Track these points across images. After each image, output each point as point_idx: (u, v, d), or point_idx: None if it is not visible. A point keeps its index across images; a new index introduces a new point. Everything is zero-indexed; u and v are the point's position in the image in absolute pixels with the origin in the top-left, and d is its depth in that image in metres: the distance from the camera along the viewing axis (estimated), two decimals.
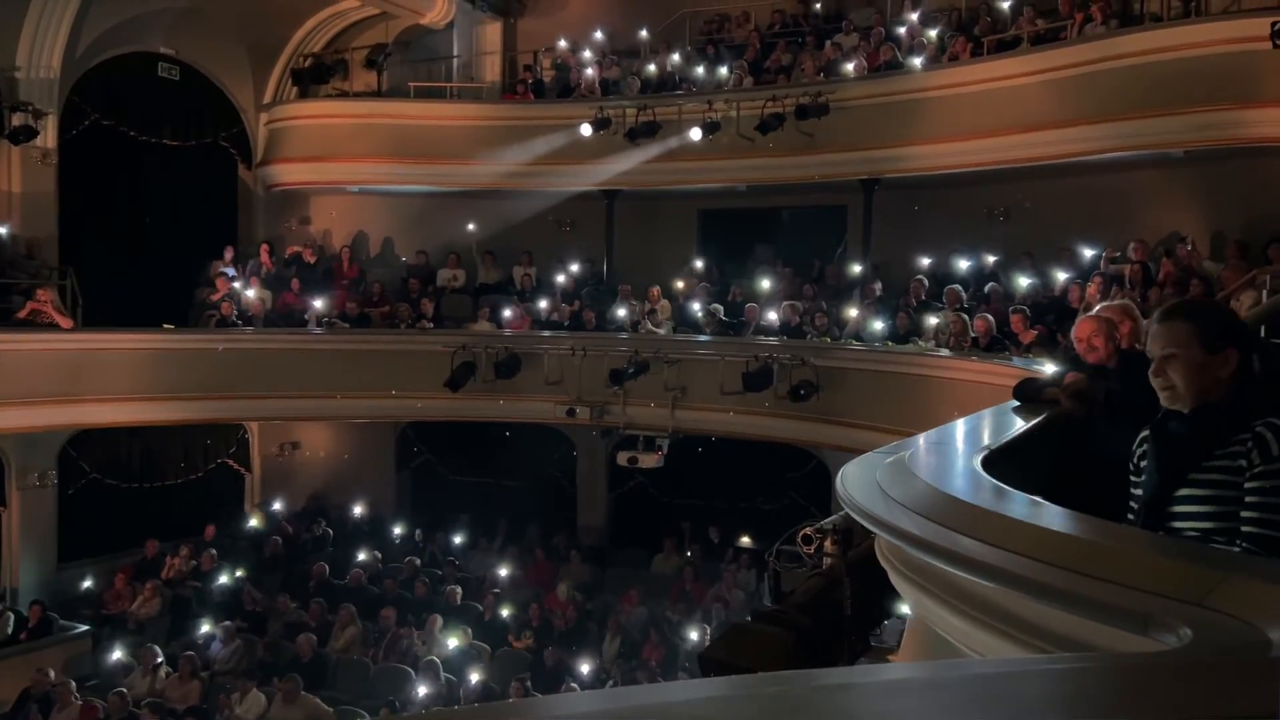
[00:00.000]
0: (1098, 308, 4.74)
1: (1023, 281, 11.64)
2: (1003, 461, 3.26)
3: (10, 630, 12.18)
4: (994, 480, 2.61)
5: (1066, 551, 2.03)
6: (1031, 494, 2.57)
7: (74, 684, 10.91)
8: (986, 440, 3.42)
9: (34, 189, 13.32)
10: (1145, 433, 2.57)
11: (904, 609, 3.46)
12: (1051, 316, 10.29)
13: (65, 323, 12.48)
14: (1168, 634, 1.61)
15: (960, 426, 4.05)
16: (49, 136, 13.28)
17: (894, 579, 2.69)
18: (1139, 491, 2.55)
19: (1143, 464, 2.55)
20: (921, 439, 3.54)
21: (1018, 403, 4.79)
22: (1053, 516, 2.30)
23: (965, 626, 2.24)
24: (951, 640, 2.38)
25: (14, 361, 12.05)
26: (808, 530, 3.39)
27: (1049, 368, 5.32)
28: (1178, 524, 2.37)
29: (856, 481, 2.85)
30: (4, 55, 12.93)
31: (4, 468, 13.07)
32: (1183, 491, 2.37)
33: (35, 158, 13.23)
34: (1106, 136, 10.97)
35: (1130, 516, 2.57)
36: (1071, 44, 11.58)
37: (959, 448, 3.30)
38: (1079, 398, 4.55)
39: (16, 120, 12.65)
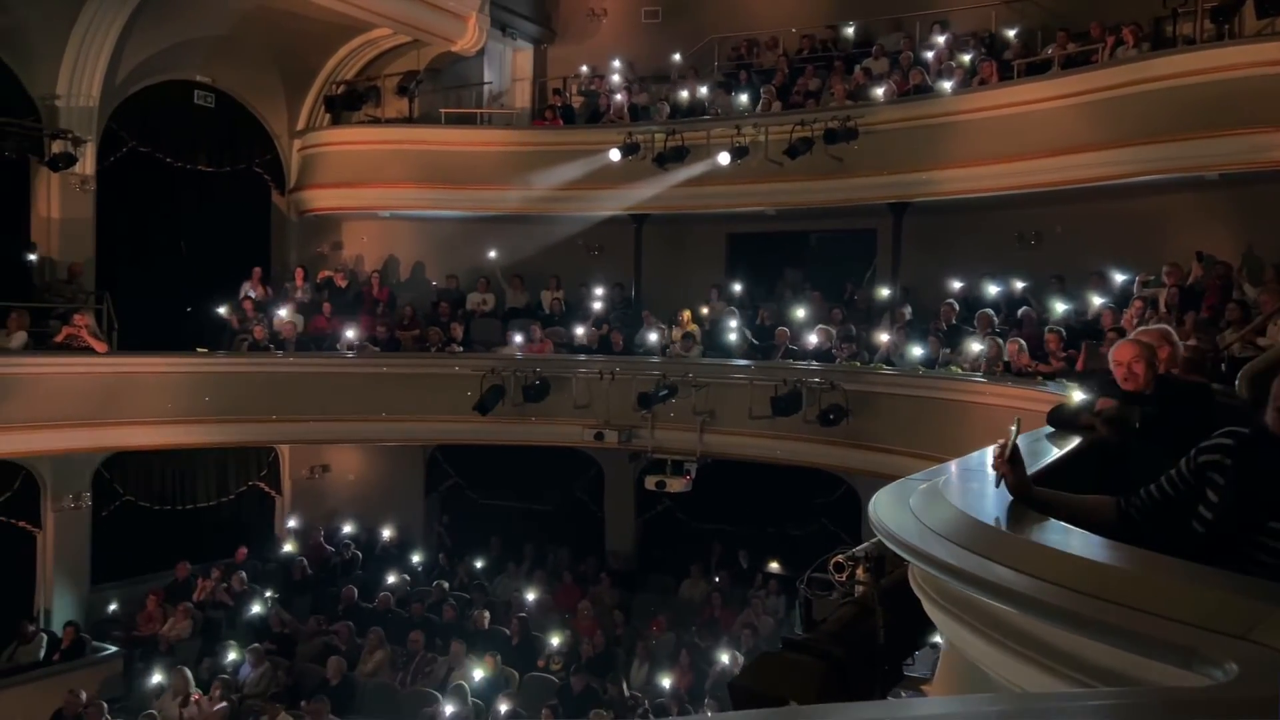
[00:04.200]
0: (1135, 332, 4.67)
1: (1057, 306, 11.53)
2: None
3: (43, 651, 12.29)
4: (1031, 508, 2.57)
5: (1106, 582, 1.99)
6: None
7: (106, 706, 10.96)
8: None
9: (73, 215, 13.55)
10: (1221, 449, 2.42)
11: (938, 638, 3.41)
12: (1086, 341, 10.18)
13: (100, 347, 12.63)
14: (1213, 669, 1.57)
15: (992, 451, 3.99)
16: (88, 163, 13.50)
17: (928, 608, 2.65)
18: (1206, 512, 2.40)
19: (1213, 477, 2.41)
20: (954, 465, 3.50)
21: (1052, 429, 4.74)
22: (1091, 546, 2.26)
23: (1002, 657, 2.20)
24: (987, 671, 2.34)
25: (50, 384, 12.21)
26: (839, 558, 3.35)
27: (1080, 394, 5.25)
28: (1265, 557, 2.23)
29: (889, 509, 2.81)
30: (45, 84, 13.20)
31: (39, 490, 13.21)
32: (1274, 524, 2.24)
33: (74, 184, 13.46)
34: (1139, 160, 10.88)
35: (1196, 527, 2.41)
36: (1103, 67, 11.52)
37: (994, 474, 3.25)
38: (1114, 424, 4.49)
39: (56, 148, 12.89)
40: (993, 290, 12.52)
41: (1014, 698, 1.99)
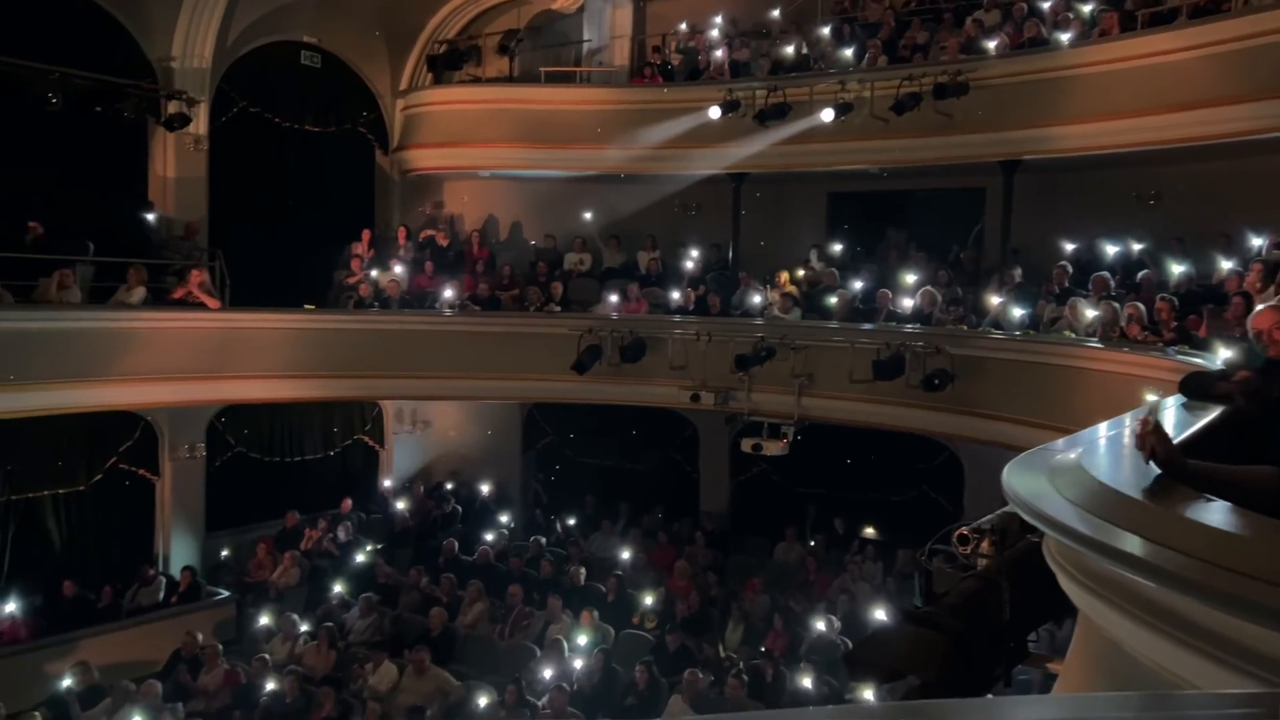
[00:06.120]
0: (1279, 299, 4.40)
1: (1176, 269, 11.01)
2: None
3: (162, 594, 12.87)
4: (1183, 483, 2.43)
5: (1272, 563, 1.85)
6: None
7: (221, 647, 11.44)
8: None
9: (187, 174, 13.97)
10: None
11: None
12: (1208, 307, 9.71)
13: (213, 304, 13.03)
14: None
15: (1130, 421, 3.81)
16: (201, 124, 13.90)
17: (1064, 583, 2.53)
18: None
19: None
20: (1093, 434, 3.34)
21: (1185, 398, 4.51)
22: (1256, 525, 2.11)
23: (1154, 640, 2.09)
24: (1135, 655, 2.22)
25: (168, 339, 12.67)
26: (964, 530, 3.24)
27: (1222, 356, 4.99)
28: None
29: (1025, 480, 2.69)
30: (161, 46, 13.59)
31: (158, 440, 13.76)
32: None
33: (188, 144, 13.88)
34: (1272, 115, 10.24)
35: None
36: (1236, 15, 10.85)
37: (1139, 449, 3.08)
38: (1254, 395, 4.25)
39: (172, 108, 13.29)
40: (1109, 251, 12.03)
41: (1194, 698, 1.88)
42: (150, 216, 13.62)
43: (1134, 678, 2.26)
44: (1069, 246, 12.52)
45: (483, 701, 10.24)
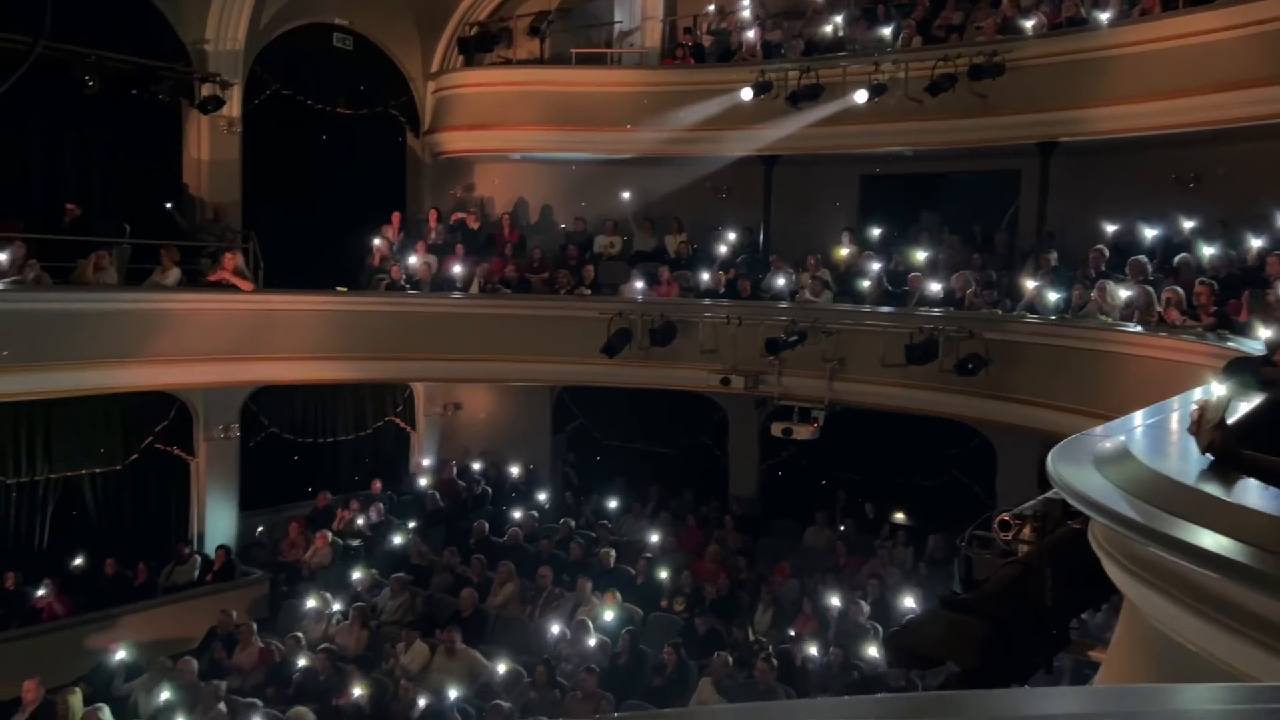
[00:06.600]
0: None
1: (1207, 251, 10.84)
2: None
3: (197, 573, 13.03)
4: (1238, 471, 2.38)
5: None
6: None
7: (255, 625, 11.56)
8: None
9: (220, 156, 14.05)
10: None
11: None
12: (1249, 290, 9.54)
13: (246, 286, 13.11)
14: None
15: (1176, 407, 3.75)
16: (234, 106, 13.96)
17: (1112, 571, 2.49)
18: None
19: None
20: (1134, 419, 3.29)
21: (1230, 384, 4.44)
22: None
23: (1205, 628, 2.05)
24: (1184, 643, 2.18)
25: (202, 320, 12.77)
26: (1006, 516, 3.20)
27: (1263, 337, 4.90)
28: None
29: (1071, 465, 2.65)
30: (194, 29, 13.66)
31: (193, 420, 13.90)
32: None
33: (222, 127, 13.95)
34: None
35: None
36: None
37: (1179, 431, 3.03)
38: None
39: (205, 91, 13.35)
40: (1147, 235, 11.86)
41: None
42: (168, 205, 13.65)
43: (1183, 666, 2.22)
44: (1108, 229, 12.35)
45: (501, 669, 10.33)
